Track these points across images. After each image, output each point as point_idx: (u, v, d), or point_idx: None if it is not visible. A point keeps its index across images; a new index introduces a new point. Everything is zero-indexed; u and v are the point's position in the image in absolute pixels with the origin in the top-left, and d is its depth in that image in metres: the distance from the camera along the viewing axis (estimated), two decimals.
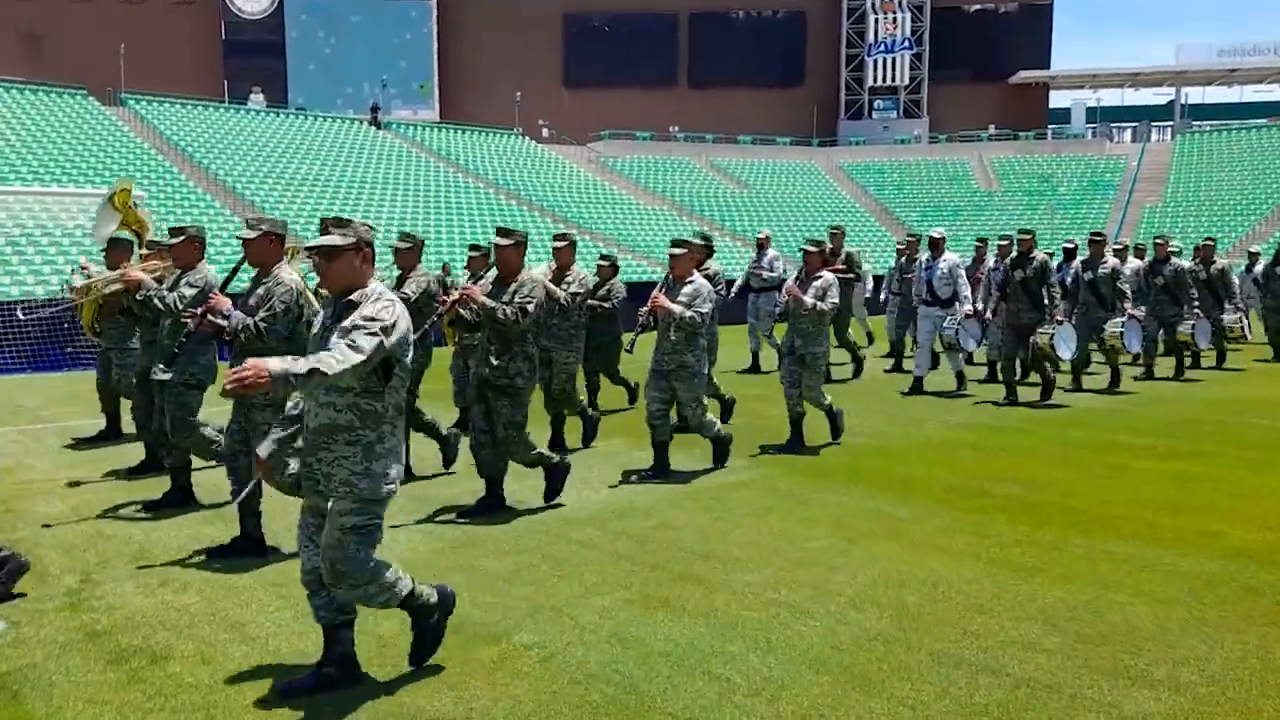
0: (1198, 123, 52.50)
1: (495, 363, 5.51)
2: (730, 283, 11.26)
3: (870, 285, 15.08)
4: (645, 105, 56.03)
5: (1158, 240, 11.83)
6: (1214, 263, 12.29)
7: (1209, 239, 12.88)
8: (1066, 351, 9.45)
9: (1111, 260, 10.39)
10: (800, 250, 7.71)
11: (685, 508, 5.80)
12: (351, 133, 35.29)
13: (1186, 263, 11.71)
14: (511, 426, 5.55)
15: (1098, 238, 10.43)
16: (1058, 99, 59.66)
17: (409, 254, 6.80)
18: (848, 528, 5.29)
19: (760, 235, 12.85)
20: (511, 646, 3.75)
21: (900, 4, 57.12)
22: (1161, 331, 11.31)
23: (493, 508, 5.67)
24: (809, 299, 7.17)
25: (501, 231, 5.60)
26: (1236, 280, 13.19)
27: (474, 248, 8.30)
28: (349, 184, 29.16)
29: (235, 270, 5.27)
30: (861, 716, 3.16)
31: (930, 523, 5.36)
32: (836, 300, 7.20)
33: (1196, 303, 11.28)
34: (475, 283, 5.79)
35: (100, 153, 24.91)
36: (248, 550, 4.91)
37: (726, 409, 8.70)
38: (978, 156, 45.88)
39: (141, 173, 23.23)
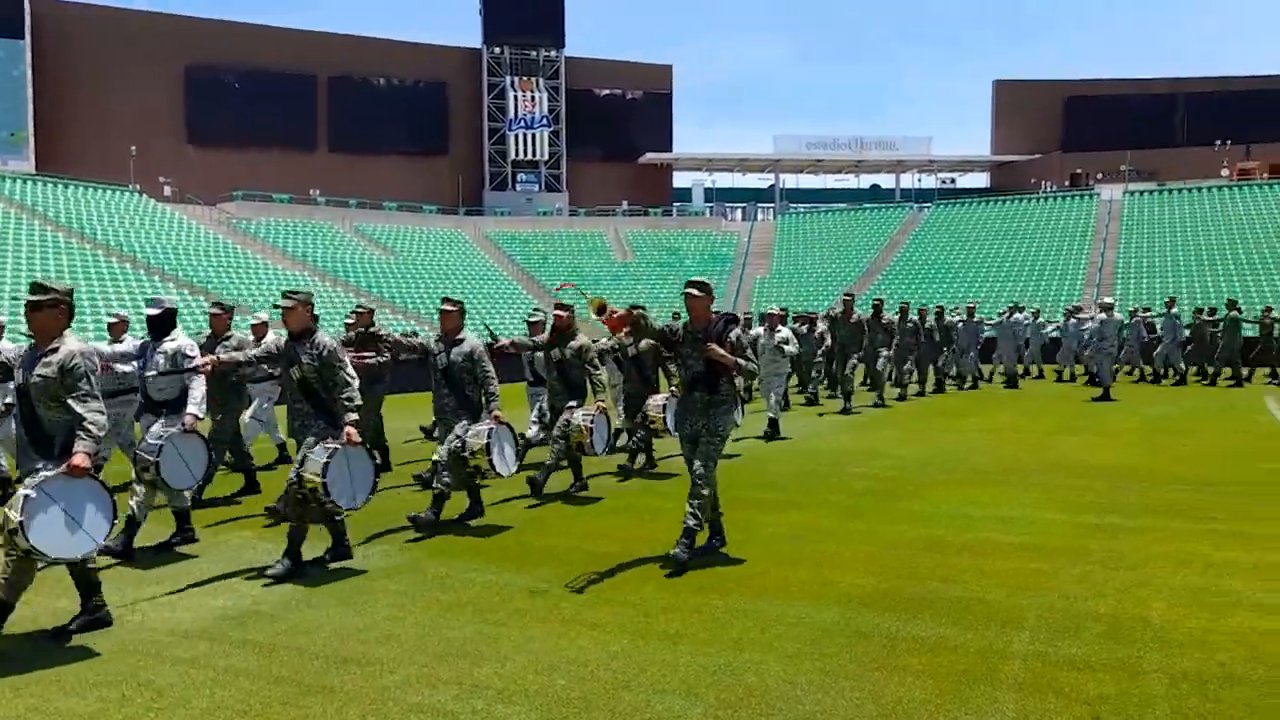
0: (794, 205, 60.06)
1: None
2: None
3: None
4: (282, 167, 53.37)
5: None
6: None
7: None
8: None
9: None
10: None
11: (320, 605, 5.26)
12: None
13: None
14: None
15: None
16: (680, 179, 65.60)
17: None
18: (497, 610, 5.08)
19: None
20: None
21: (537, 84, 59.79)
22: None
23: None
24: None
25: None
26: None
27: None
28: None
29: None
30: None
31: (581, 596, 5.31)
32: None
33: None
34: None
35: None
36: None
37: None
38: (613, 230, 48.81)
39: None
